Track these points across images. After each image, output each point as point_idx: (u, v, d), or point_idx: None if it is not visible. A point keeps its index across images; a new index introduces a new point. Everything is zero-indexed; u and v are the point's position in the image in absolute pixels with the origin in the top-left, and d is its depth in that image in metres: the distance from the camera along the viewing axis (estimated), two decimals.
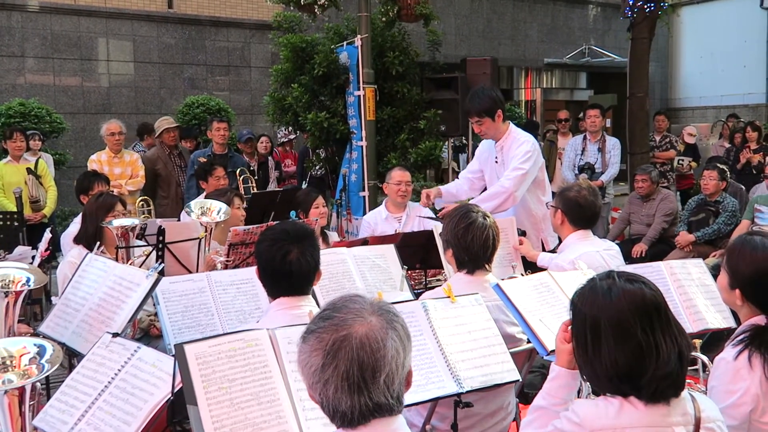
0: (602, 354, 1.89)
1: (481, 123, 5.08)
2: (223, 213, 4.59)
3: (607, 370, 1.89)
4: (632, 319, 1.88)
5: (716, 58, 18.75)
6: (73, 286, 3.41)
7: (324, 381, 1.59)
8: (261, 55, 13.57)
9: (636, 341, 1.87)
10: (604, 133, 8.46)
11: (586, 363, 1.96)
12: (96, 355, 2.66)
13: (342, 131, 7.90)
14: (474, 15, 16.59)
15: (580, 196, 3.88)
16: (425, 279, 4.80)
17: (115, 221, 4.09)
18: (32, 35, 11.59)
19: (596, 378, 1.95)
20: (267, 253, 2.80)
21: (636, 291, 1.92)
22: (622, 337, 1.87)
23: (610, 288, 1.93)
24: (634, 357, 1.87)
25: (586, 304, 1.96)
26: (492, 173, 5.27)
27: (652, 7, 9.68)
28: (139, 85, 12.54)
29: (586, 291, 2.00)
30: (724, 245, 6.78)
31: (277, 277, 2.80)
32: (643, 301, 1.91)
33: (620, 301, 1.90)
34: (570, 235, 3.93)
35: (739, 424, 2.34)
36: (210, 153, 7.61)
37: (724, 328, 3.43)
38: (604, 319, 1.90)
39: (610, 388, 1.93)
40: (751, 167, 9.74)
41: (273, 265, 2.78)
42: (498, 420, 3.14)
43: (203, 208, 4.62)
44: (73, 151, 11.18)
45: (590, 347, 1.92)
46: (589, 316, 1.94)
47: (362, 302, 1.67)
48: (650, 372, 1.86)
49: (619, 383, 1.90)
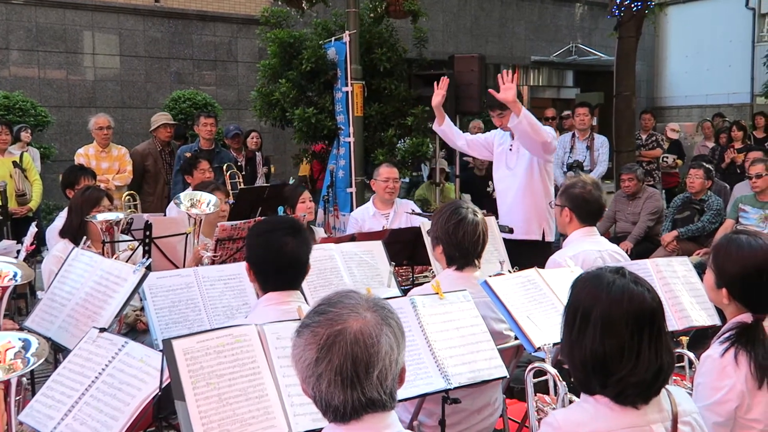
0: (585, 339, 1.90)
1: (503, 116, 5.21)
2: (213, 205, 4.56)
3: (585, 356, 1.90)
4: (624, 319, 1.88)
5: (702, 57, 18.88)
6: (60, 281, 3.39)
7: (317, 375, 1.60)
8: (248, 50, 13.52)
9: (620, 341, 1.87)
10: (593, 131, 8.50)
11: (567, 342, 1.97)
12: (83, 350, 2.65)
13: (329, 127, 7.90)
14: (462, 12, 16.61)
15: (585, 192, 3.87)
16: (412, 275, 4.81)
17: (99, 216, 4.06)
18: (17, 27, 11.49)
19: (572, 360, 1.96)
20: (263, 244, 2.77)
21: (638, 294, 1.91)
22: (609, 332, 1.88)
23: (615, 282, 1.94)
24: (613, 354, 1.87)
25: (586, 289, 1.96)
26: (502, 159, 5.43)
27: (638, 6, 9.73)
28: (124, 79, 12.46)
29: (591, 277, 2.00)
30: (708, 244, 6.84)
31: (273, 268, 2.77)
32: (640, 306, 1.90)
33: (620, 298, 1.90)
34: (575, 231, 3.91)
35: (724, 421, 2.35)
36: (197, 148, 7.57)
37: (709, 325, 3.46)
38: (598, 309, 1.90)
39: (581, 377, 1.95)
40: (735, 166, 9.82)
41: (269, 256, 2.76)
42: (485, 416, 3.15)
43: (193, 199, 4.58)
44: (58, 145, 11.10)
45: (576, 329, 1.93)
46: (585, 301, 1.94)
47: (357, 298, 1.67)
48: (623, 373, 1.86)
49: (591, 373, 1.91)
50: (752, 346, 2.37)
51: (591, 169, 8.15)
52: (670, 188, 10.98)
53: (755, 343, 2.39)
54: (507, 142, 5.42)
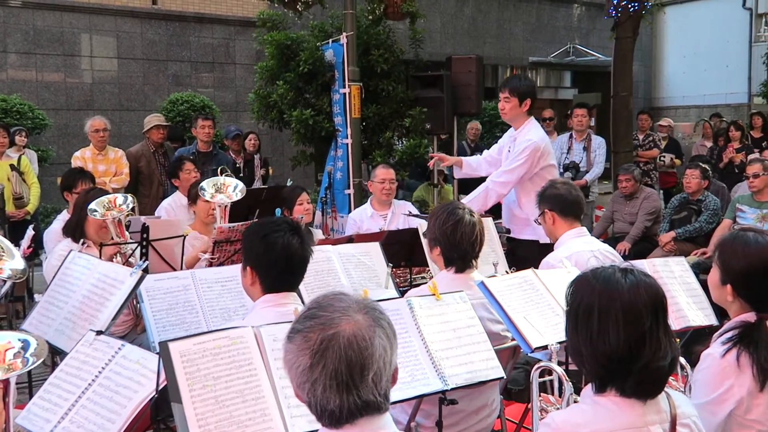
0: (607, 334, 1.88)
1: (509, 100, 5.17)
2: (239, 191, 4.45)
3: (609, 350, 1.89)
4: (645, 308, 1.89)
5: (699, 57, 18.91)
6: (57, 284, 3.39)
7: (312, 381, 1.58)
8: (245, 52, 13.53)
9: (642, 329, 1.88)
10: (590, 132, 8.50)
11: (585, 340, 1.94)
12: (80, 353, 2.65)
13: (327, 129, 7.89)
14: (459, 13, 16.63)
15: (558, 189, 3.94)
16: (410, 276, 4.81)
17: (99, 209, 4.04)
18: (14, 30, 11.49)
19: (593, 357, 1.93)
20: (270, 244, 2.75)
21: (651, 283, 1.94)
22: (631, 323, 1.88)
23: (626, 276, 1.94)
24: (638, 343, 1.88)
25: (597, 289, 1.94)
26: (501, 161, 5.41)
27: (635, 6, 9.74)
28: (122, 81, 12.46)
29: (599, 277, 1.98)
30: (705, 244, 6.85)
31: (280, 268, 2.76)
32: (656, 294, 1.93)
33: (637, 290, 1.91)
34: (565, 232, 3.92)
35: (719, 420, 2.35)
36: (194, 151, 7.57)
37: (705, 325, 3.46)
38: (618, 304, 1.90)
39: (602, 372, 1.92)
40: (733, 166, 9.83)
41: (275, 256, 2.74)
42: (482, 417, 3.16)
43: (217, 185, 4.47)
44: (56, 148, 11.11)
45: (596, 327, 1.91)
46: (601, 299, 1.92)
47: (348, 300, 1.66)
48: (645, 360, 1.87)
49: (615, 365, 1.89)
50: (755, 348, 2.36)
51: (588, 170, 8.16)
52: (668, 188, 10.99)
53: (758, 345, 2.37)
54: (507, 144, 5.37)
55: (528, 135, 5.13)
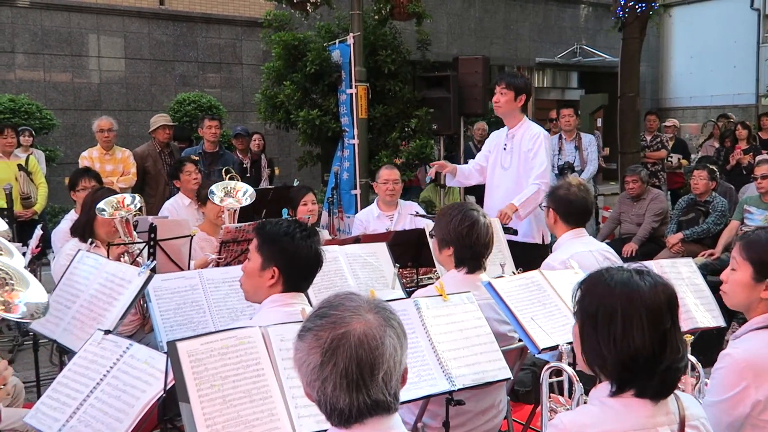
0: (631, 337, 1.86)
1: (504, 94, 5.21)
2: (249, 196, 4.46)
3: (634, 352, 1.87)
4: (665, 308, 1.90)
5: (706, 58, 18.84)
6: (65, 283, 3.40)
7: (322, 379, 1.59)
8: (252, 52, 13.55)
9: (664, 329, 1.88)
10: (578, 131, 8.52)
11: (607, 343, 1.91)
12: (88, 352, 2.66)
13: (334, 129, 7.90)
14: (466, 14, 16.62)
15: (570, 193, 3.88)
16: (417, 277, 4.81)
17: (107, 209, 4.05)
18: (23, 31, 11.53)
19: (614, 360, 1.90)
20: (299, 245, 2.78)
21: (666, 283, 1.94)
22: (654, 324, 1.87)
23: (644, 277, 1.94)
24: (660, 344, 1.87)
25: (616, 292, 1.92)
26: (497, 158, 5.39)
27: (643, 7, 9.72)
28: (130, 81, 12.50)
29: (621, 273, 1.96)
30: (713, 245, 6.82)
31: (308, 268, 2.83)
32: (673, 293, 1.93)
33: (655, 291, 1.91)
34: (563, 234, 3.92)
35: (732, 420, 2.34)
36: (201, 151, 7.59)
37: (713, 327, 3.45)
38: (641, 305, 1.89)
39: (625, 374, 1.90)
40: (741, 167, 9.79)
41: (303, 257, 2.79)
42: (489, 417, 3.15)
43: (226, 189, 4.47)
44: (64, 148, 11.14)
45: (620, 327, 1.89)
46: (624, 297, 1.90)
47: (358, 300, 1.66)
48: (669, 361, 1.87)
49: (635, 367, 1.87)
50: None
51: (582, 169, 8.15)
52: (676, 189, 10.95)
53: None
54: (501, 142, 5.37)
55: (532, 130, 5.24)
